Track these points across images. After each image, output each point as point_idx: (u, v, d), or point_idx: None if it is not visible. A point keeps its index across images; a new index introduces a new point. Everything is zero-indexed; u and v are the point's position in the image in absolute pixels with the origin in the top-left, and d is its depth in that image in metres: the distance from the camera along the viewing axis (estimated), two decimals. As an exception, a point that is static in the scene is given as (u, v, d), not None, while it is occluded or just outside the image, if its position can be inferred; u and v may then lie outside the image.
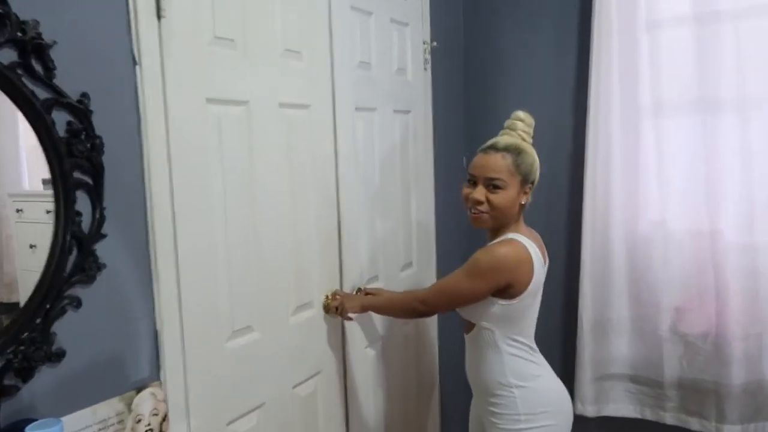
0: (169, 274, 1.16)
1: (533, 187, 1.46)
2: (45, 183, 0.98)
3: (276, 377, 1.45)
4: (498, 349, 1.43)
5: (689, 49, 1.90)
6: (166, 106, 1.14)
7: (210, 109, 1.23)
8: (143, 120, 1.10)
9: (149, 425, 1.12)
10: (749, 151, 1.86)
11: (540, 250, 1.45)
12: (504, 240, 1.41)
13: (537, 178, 1.46)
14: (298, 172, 1.48)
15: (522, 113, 1.48)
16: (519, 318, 1.43)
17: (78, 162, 0.99)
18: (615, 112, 1.99)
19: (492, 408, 1.45)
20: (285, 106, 1.43)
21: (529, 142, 1.47)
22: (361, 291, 1.71)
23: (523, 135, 1.46)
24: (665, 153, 1.97)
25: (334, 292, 1.61)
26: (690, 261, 1.96)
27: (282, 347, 1.46)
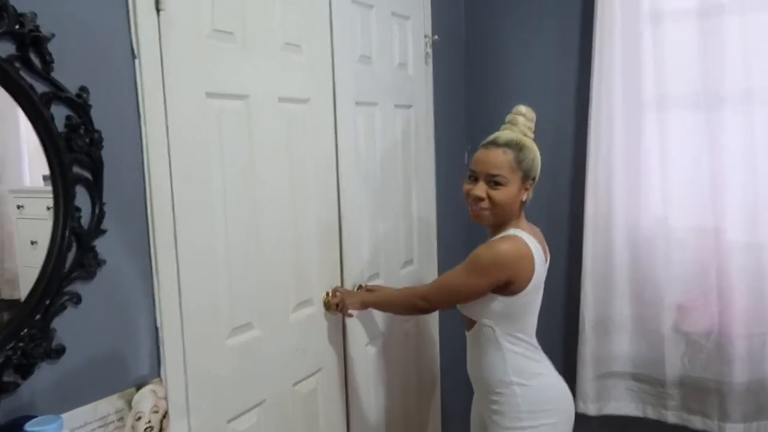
0: (169, 270, 1.15)
1: (534, 183, 1.44)
2: (46, 179, 0.97)
3: (276, 374, 1.44)
4: (499, 347, 1.42)
5: (693, 43, 1.88)
6: (165, 100, 1.13)
7: (209, 103, 1.23)
8: (142, 114, 1.09)
9: (149, 422, 1.12)
10: (753, 148, 1.85)
11: (541, 246, 1.44)
12: (505, 236, 1.40)
13: (538, 173, 1.44)
14: (298, 167, 1.47)
15: (523, 107, 1.47)
16: (520, 315, 1.42)
17: (77, 157, 0.99)
18: (617, 106, 1.98)
19: (493, 406, 1.45)
20: (285, 100, 1.42)
21: (531, 137, 1.46)
22: (362, 288, 1.71)
23: (525, 130, 1.45)
24: (668, 149, 1.95)
25: (334, 288, 1.61)
26: (693, 259, 1.95)
27: (282, 344, 1.45)
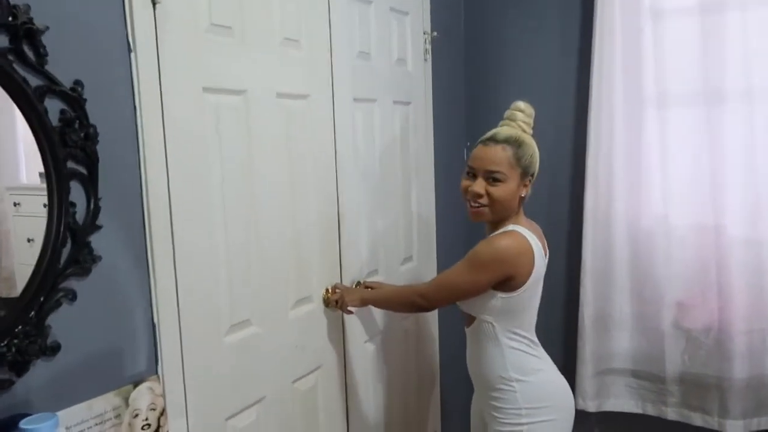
0: (166, 266, 1.14)
1: (533, 180, 1.44)
2: (42, 176, 0.96)
3: (275, 372, 1.43)
4: (499, 343, 1.41)
5: (694, 40, 1.88)
6: (161, 94, 1.11)
7: (207, 98, 1.21)
8: (138, 109, 1.08)
9: (147, 420, 1.11)
10: (754, 144, 1.84)
11: (540, 241, 1.43)
12: (504, 232, 1.40)
13: (537, 170, 1.44)
14: (297, 163, 1.46)
15: (522, 103, 1.46)
16: (520, 311, 1.41)
17: (72, 152, 0.97)
18: (617, 104, 1.97)
19: (493, 402, 1.44)
20: (283, 95, 1.41)
21: (530, 133, 1.45)
22: (361, 284, 1.70)
23: (523, 126, 1.44)
24: (668, 146, 1.95)
25: (333, 285, 1.60)
26: (693, 256, 1.95)
27: (281, 341, 1.44)
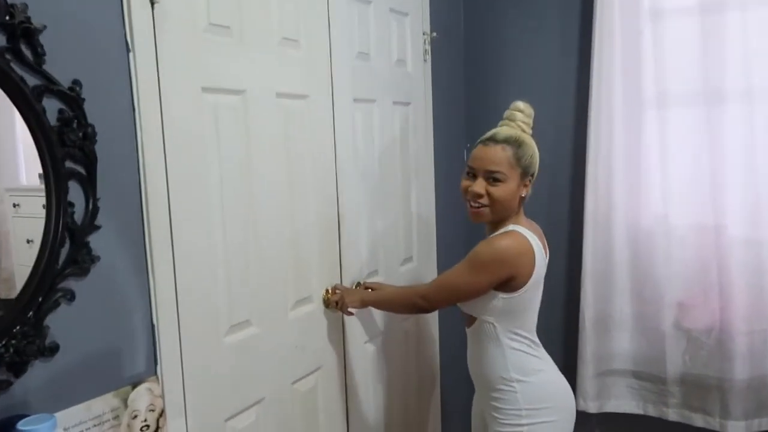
0: (165, 266, 1.14)
1: (533, 180, 1.43)
2: (42, 178, 0.96)
3: (275, 372, 1.43)
4: (500, 343, 1.41)
5: (694, 40, 1.87)
6: (160, 94, 1.11)
7: (206, 98, 1.21)
8: (137, 108, 1.08)
9: (146, 421, 1.10)
10: (754, 144, 1.84)
11: (541, 241, 1.43)
12: (505, 232, 1.39)
13: (537, 170, 1.44)
14: (296, 163, 1.45)
15: (521, 103, 1.46)
16: (521, 311, 1.41)
17: (70, 151, 0.97)
18: (617, 104, 1.97)
19: (494, 403, 1.44)
20: (282, 95, 1.40)
21: (529, 133, 1.45)
22: (361, 285, 1.70)
23: (523, 126, 1.44)
24: (668, 146, 1.95)
25: (334, 286, 1.59)
26: (693, 256, 1.95)
27: (281, 342, 1.44)
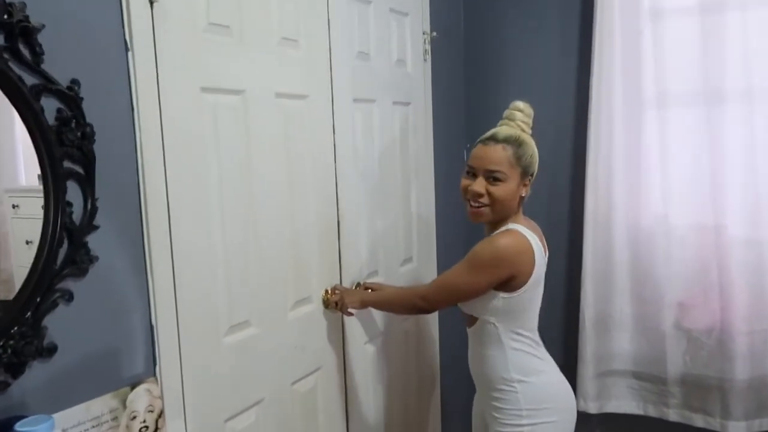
0: (164, 266, 1.14)
1: (533, 179, 1.43)
2: (41, 179, 0.95)
3: (275, 373, 1.42)
4: (501, 343, 1.41)
5: (694, 40, 1.87)
6: (159, 93, 1.11)
7: (205, 98, 1.21)
8: (136, 108, 1.07)
9: (144, 422, 1.10)
10: (754, 144, 1.84)
11: (540, 240, 1.43)
12: (504, 231, 1.39)
13: (537, 170, 1.43)
14: (296, 163, 1.45)
15: (521, 103, 1.46)
16: (521, 311, 1.41)
17: (68, 151, 0.97)
18: (617, 104, 1.97)
19: (494, 403, 1.44)
20: (282, 96, 1.40)
21: (529, 132, 1.45)
22: (361, 286, 1.69)
23: (523, 126, 1.43)
24: (668, 146, 1.95)
25: (333, 286, 1.59)
26: (693, 256, 1.94)
27: (281, 342, 1.43)
